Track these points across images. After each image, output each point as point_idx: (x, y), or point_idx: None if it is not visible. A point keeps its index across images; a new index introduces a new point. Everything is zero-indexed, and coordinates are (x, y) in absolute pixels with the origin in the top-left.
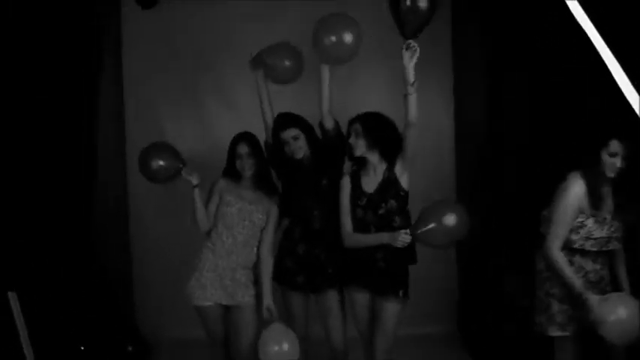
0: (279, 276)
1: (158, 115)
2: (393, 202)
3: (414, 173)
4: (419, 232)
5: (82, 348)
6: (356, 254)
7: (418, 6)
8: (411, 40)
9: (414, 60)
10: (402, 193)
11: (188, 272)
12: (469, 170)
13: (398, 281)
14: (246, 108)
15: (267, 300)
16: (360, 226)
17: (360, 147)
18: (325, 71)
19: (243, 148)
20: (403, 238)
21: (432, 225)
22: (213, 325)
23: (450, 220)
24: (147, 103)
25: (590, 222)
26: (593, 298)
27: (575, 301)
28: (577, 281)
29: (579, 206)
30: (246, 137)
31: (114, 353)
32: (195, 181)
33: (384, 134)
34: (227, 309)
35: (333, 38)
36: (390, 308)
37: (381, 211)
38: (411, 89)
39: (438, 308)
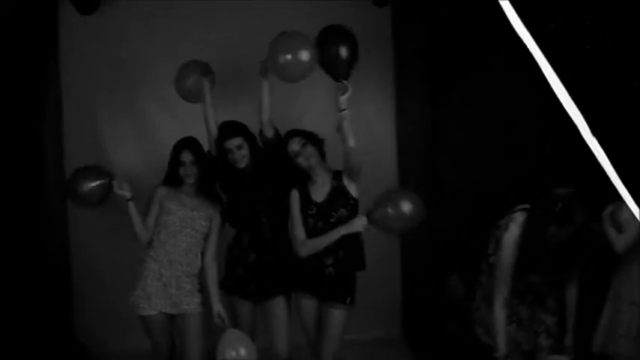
0: (229, 286)
1: (96, 122)
2: (343, 211)
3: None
4: (376, 215)
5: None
6: (306, 261)
7: (339, 54)
8: (343, 81)
9: (347, 95)
10: (352, 202)
11: (129, 281)
12: (411, 173)
13: (346, 288)
14: (186, 116)
15: (217, 306)
16: (312, 235)
17: (312, 155)
18: (265, 82)
19: (187, 156)
20: (360, 221)
21: (388, 209)
22: (158, 336)
23: (406, 206)
24: (85, 112)
25: None
26: None
27: None
28: (501, 345)
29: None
30: (189, 144)
31: None
32: (128, 194)
33: (319, 141)
34: (172, 318)
35: (289, 57)
36: (337, 315)
37: (332, 220)
38: (342, 114)
39: (382, 312)
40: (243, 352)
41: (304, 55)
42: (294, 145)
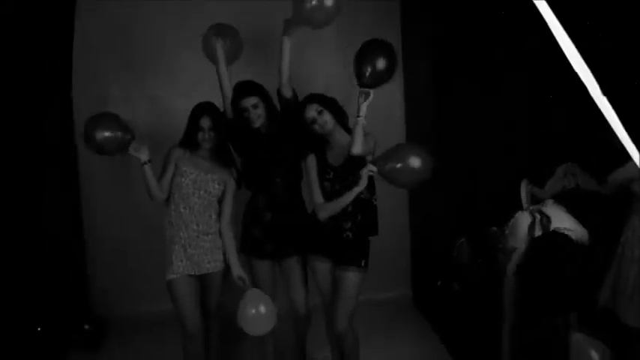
0: (246, 247)
1: (105, 87)
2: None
3: None
4: (384, 167)
5: (39, 329)
6: (323, 225)
7: (378, 70)
8: (367, 90)
9: (368, 101)
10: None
11: (141, 250)
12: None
13: (361, 252)
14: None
15: (237, 270)
16: (330, 199)
17: (328, 123)
18: (287, 41)
19: (206, 122)
20: (370, 169)
21: (398, 164)
22: (182, 299)
23: (416, 162)
24: (94, 76)
25: None
26: None
27: None
28: None
29: None
30: (208, 110)
31: (70, 332)
32: (144, 157)
33: (339, 107)
34: (197, 280)
35: (314, 2)
36: (352, 277)
37: (349, 183)
38: (357, 120)
39: (392, 274)
40: (263, 309)
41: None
42: (311, 112)
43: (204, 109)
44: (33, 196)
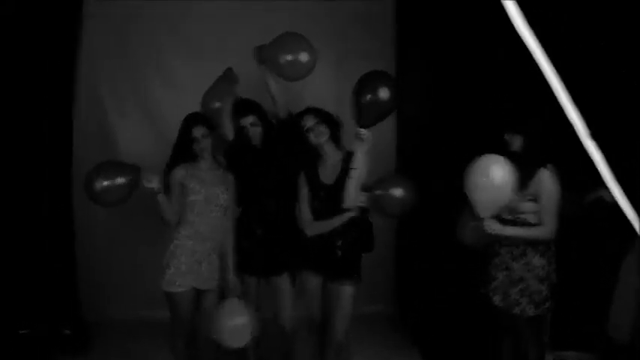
0: (236, 261)
1: (106, 112)
2: None
3: None
4: (372, 197)
5: (22, 332)
6: (314, 241)
7: (379, 100)
8: (362, 130)
9: (364, 148)
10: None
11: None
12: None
13: (352, 267)
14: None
15: (233, 276)
16: (320, 216)
17: (323, 134)
18: (264, 69)
19: (199, 131)
20: (361, 200)
21: (383, 194)
22: (184, 310)
23: (400, 191)
24: (95, 101)
25: None
26: None
27: None
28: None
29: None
30: (200, 119)
31: (53, 337)
32: (157, 187)
33: (335, 123)
34: (198, 293)
35: (289, 57)
36: (347, 291)
37: (340, 202)
38: (352, 172)
39: (377, 289)
40: (241, 321)
41: (304, 57)
42: (309, 121)
43: (195, 119)
44: (26, 198)
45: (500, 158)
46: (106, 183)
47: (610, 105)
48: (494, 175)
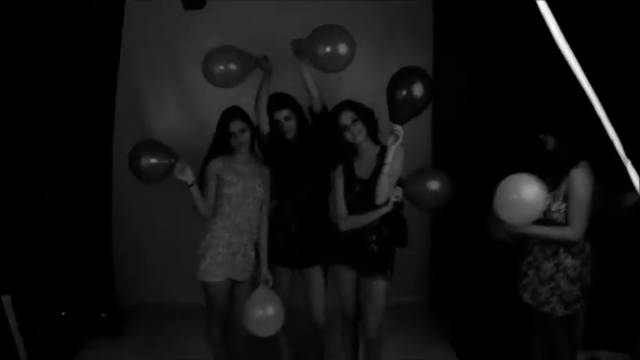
0: (269, 253)
1: (144, 101)
2: None
3: None
4: (408, 190)
5: (63, 314)
6: (349, 235)
7: (413, 96)
8: (397, 126)
9: (397, 144)
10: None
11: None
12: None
13: (386, 263)
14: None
15: (266, 270)
16: (354, 211)
17: (361, 132)
18: (300, 62)
19: (236, 126)
20: (396, 195)
21: (420, 187)
22: (221, 300)
23: (436, 184)
24: (134, 90)
25: None
26: None
27: None
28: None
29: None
30: (237, 114)
31: (90, 320)
32: (190, 179)
33: (373, 119)
34: (233, 283)
35: (328, 49)
36: (380, 286)
37: (374, 196)
38: (384, 168)
39: (411, 281)
40: (270, 310)
41: (342, 48)
42: (346, 119)
43: (232, 113)
44: (67, 190)
45: (531, 177)
46: (152, 156)
47: None
48: (525, 194)
